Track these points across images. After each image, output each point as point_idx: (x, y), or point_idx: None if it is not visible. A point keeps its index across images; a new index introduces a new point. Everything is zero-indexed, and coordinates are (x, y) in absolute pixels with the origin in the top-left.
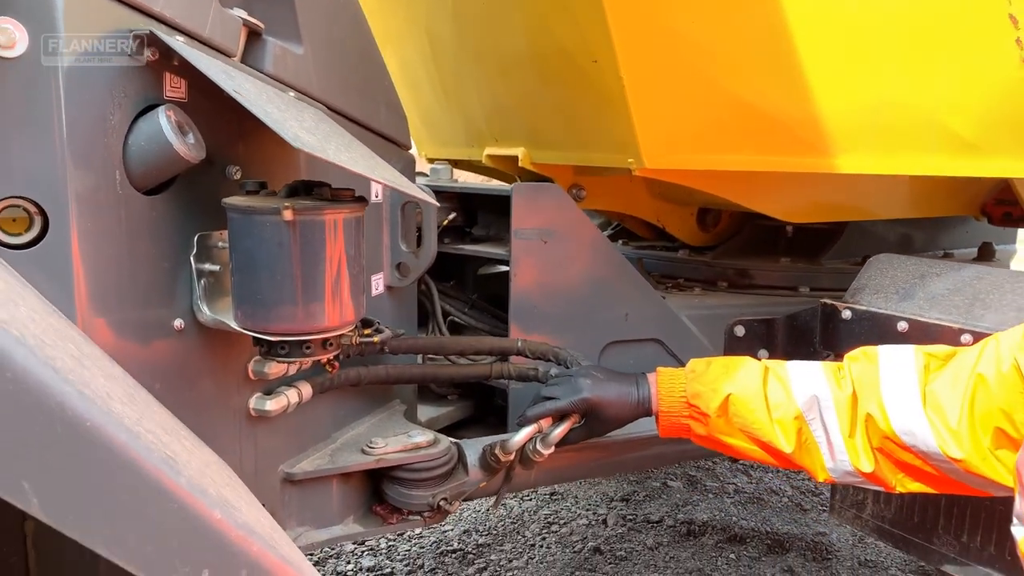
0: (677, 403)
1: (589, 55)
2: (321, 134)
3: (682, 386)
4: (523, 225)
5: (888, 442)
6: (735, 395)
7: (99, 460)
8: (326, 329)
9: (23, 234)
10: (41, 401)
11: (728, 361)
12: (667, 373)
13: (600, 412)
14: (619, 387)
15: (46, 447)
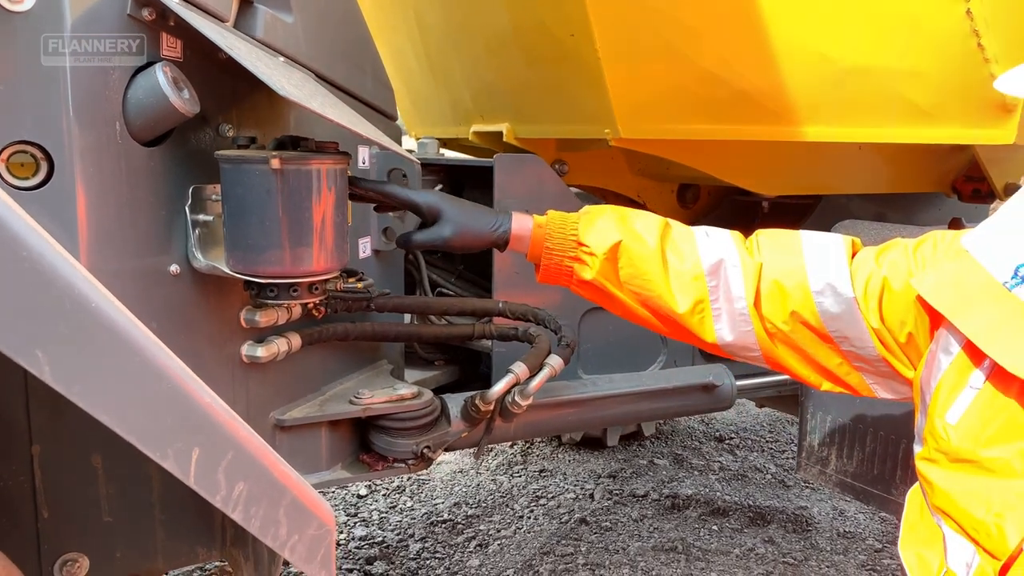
0: (567, 241)
1: (567, 29)
2: (308, 91)
3: (574, 225)
4: (506, 195)
5: (795, 315)
6: (627, 243)
7: (103, 337)
8: (312, 272)
9: (30, 178)
10: (53, 279)
11: (626, 210)
12: (558, 214)
13: (450, 219)
14: (477, 209)
15: (57, 320)
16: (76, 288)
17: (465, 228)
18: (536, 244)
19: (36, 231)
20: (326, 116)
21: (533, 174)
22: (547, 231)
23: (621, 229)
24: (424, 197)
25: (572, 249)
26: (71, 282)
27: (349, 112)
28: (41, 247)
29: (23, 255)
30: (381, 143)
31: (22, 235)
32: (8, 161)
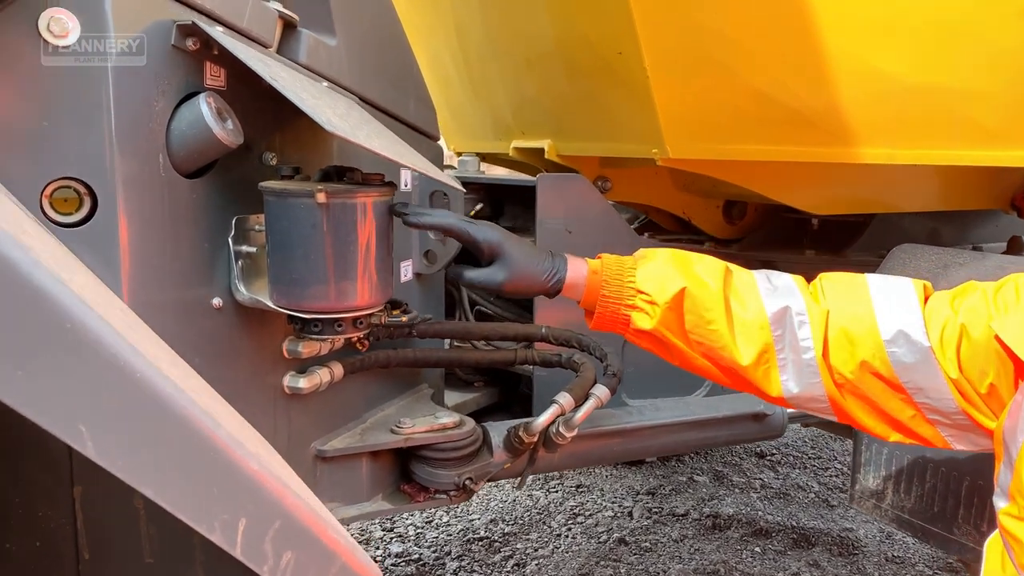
0: (624, 289)
1: (614, 47)
2: (353, 121)
3: (631, 271)
4: (548, 215)
5: (864, 366)
6: (691, 290)
7: (147, 408)
8: (357, 308)
9: (73, 213)
10: (97, 351)
11: (684, 253)
12: (613, 258)
13: (507, 263)
14: (534, 253)
15: (101, 393)
16: (120, 358)
17: (521, 274)
18: (591, 291)
19: (80, 300)
20: (372, 149)
21: (576, 193)
22: (603, 278)
23: (684, 275)
24: (484, 234)
25: (630, 297)
26: (115, 352)
27: (393, 140)
28: (85, 316)
29: (67, 326)
30: (428, 173)
31: (66, 305)
32: (52, 197)
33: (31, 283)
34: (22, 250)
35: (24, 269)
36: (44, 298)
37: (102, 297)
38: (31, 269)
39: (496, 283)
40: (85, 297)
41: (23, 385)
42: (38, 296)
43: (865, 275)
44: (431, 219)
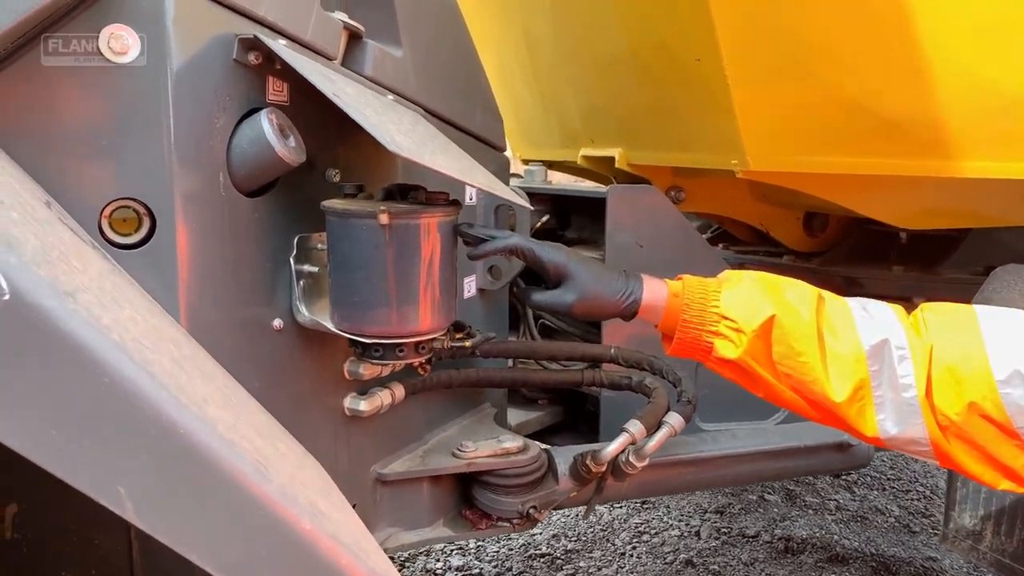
0: (707, 314)
1: (691, 52)
2: (418, 137)
3: (716, 295)
4: (618, 228)
5: (973, 407)
6: (781, 318)
7: (191, 467)
8: (419, 333)
9: (132, 234)
10: (136, 406)
11: (773, 278)
12: (696, 280)
13: (577, 285)
14: (606, 273)
15: (141, 452)
16: (163, 414)
17: (592, 296)
18: (671, 315)
19: (119, 349)
20: (436, 169)
21: (648, 205)
22: (684, 301)
23: (773, 301)
24: (550, 256)
25: (713, 323)
26: (158, 407)
27: (459, 155)
28: (123, 368)
29: (104, 381)
30: (493, 191)
31: (103, 357)
32: (111, 218)
33: (63, 332)
34: (58, 299)
35: (56, 317)
36: (77, 348)
37: (151, 332)
38: (66, 319)
39: (565, 305)
40: (127, 343)
41: (55, 443)
42: (69, 346)
43: (973, 306)
44: (494, 245)
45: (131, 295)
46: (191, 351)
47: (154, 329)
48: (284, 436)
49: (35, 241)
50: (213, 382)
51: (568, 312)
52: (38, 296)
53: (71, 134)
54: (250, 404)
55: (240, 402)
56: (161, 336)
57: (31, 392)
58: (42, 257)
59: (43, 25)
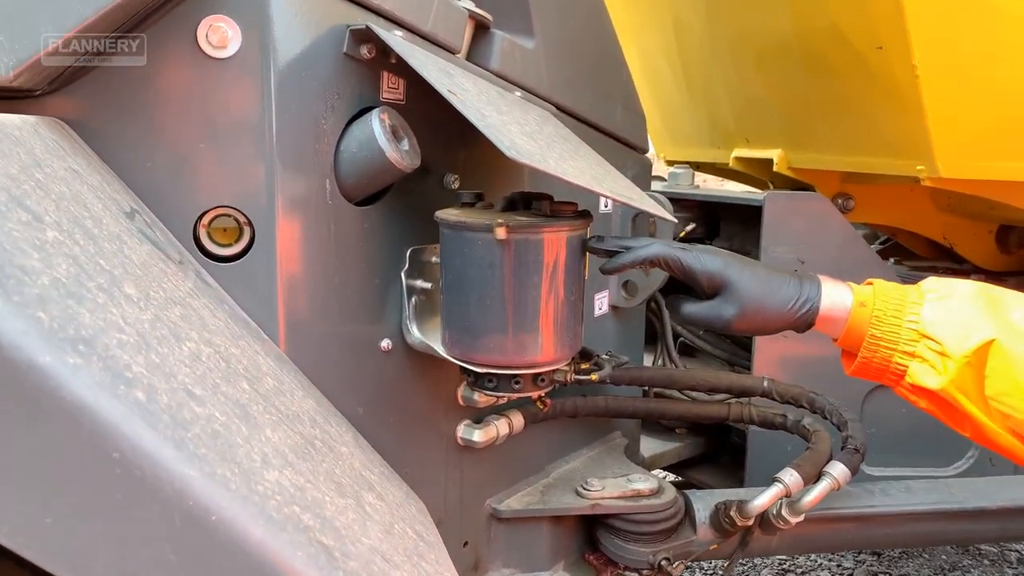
0: (902, 330)
1: (872, 40)
2: (544, 140)
3: (916, 306)
4: (777, 241)
5: None
6: (1004, 343)
7: (228, 563)
8: (538, 363)
9: (233, 244)
10: (154, 488)
11: (993, 290)
12: (890, 286)
13: (739, 295)
14: (773, 276)
15: (161, 547)
16: (189, 497)
17: (757, 306)
18: (855, 328)
19: (137, 412)
20: (564, 177)
21: (813, 214)
22: (873, 312)
23: (994, 320)
24: (703, 263)
25: (911, 342)
26: (182, 488)
27: (592, 160)
28: (139, 437)
29: (113, 456)
30: (631, 203)
31: (112, 423)
32: (209, 227)
33: (57, 393)
34: (56, 350)
35: (48, 374)
36: (76, 413)
37: (217, 368)
38: (62, 376)
39: (724, 320)
40: (157, 399)
41: (51, 534)
42: (64, 410)
43: None
44: (633, 255)
45: (208, 320)
46: (275, 384)
47: (225, 363)
48: (380, 480)
49: (65, 268)
50: (293, 424)
51: (728, 328)
52: (25, 349)
53: (167, 136)
54: (343, 444)
55: (327, 445)
56: (233, 371)
57: (21, 471)
58: (61, 291)
59: (135, 19)
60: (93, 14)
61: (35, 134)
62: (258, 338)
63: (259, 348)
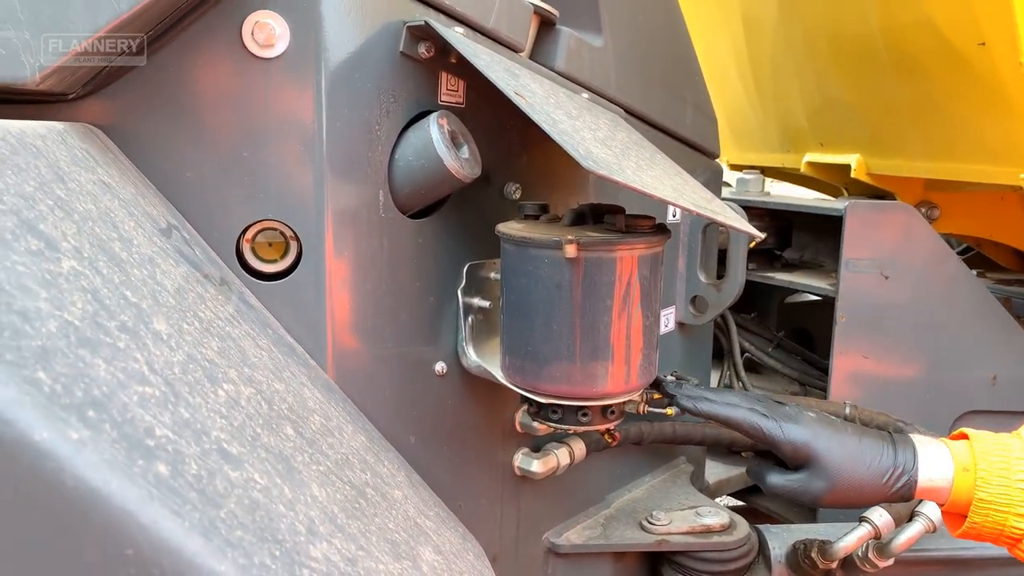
0: (1012, 491)
1: (973, 35)
2: (618, 147)
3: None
4: (858, 254)
5: None
6: None
7: None
8: (608, 394)
9: (279, 260)
10: None
11: None
12: (992, 442)
13: (827, 468)
14: (863, 446)
15: None
16: None
17: (848, 483)
18: (961, 496)
19: (155, 495)
20: (645, 191)
21: (898, 225)
22: (979, 477)
23: None
24: (789, 435)
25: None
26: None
27: (669, 169)
28: (157, 527)
29: (127, 553)
30: (715, 218)
31: (124, 511)
32: (253, 242)
33: (54, 478)
34: (54, 426)
35: (45, 455)
36: (79, 501)
37: (259, 413)
38: (60, 457)
39: (813, 496)
40: (178, 472)
41: None
42: (63, 498)
43: None
44: (713, 411)
45: (250, 352)
46: (322, 422)
47: (267, 405)
48: (436, 526)
49: (80, 307)
50: (342, 472)
51: (817, 504)
52: (18, 423)
53: (208, 143)
54: (394, 489)
55: (379, 492)
56: (277, 413)
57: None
58: (72, 339)
59: (175, 15)
60: (128, 9)
61: (61, 143)
62: (304, 364)
63: (305, 378)
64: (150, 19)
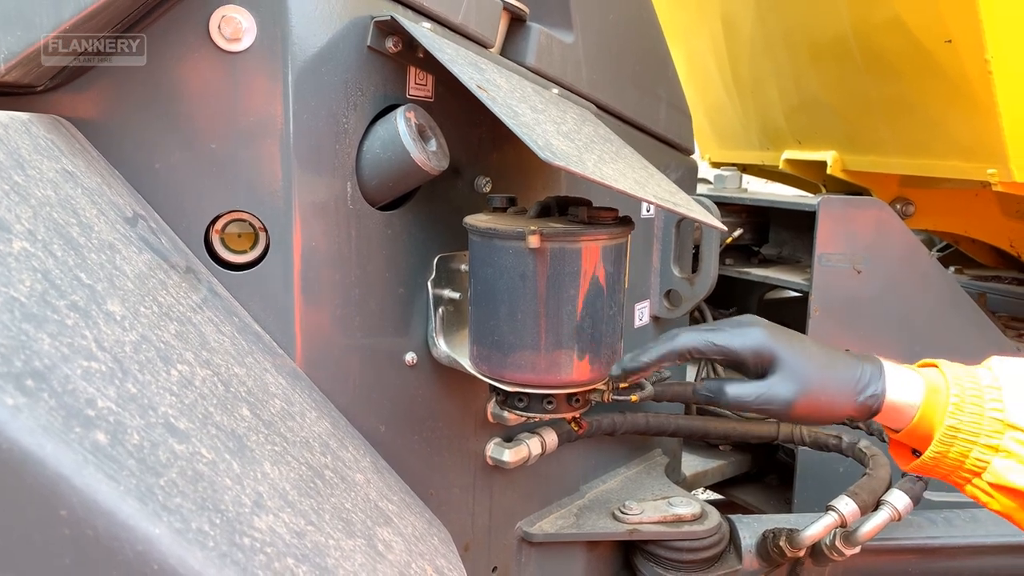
0: (983, 418)
1: (940, 33)
2: (582, 140)
3: (995, 391)
4: (831, 248)
5: None
6: None
7: None
8: (573, 383)
9: (248, 251)
10: (113, 551)
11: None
12: (963, 370)
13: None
14: (830, 356)
15: None
16: (151, 563)
17: (819, 386)
18: (928, 419)
19: (91, 461)
20: (602, 181)
21: (871, 221)
22: (952, 403)
23: None
24: (744, 341)
25: (995, 433)
26: (145, 553)
27: (634, 162)
28: (91, 490)
29: (61, 514)
30: (674, 209)
31: (58, 475)
32: (223, 232)
33: None
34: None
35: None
36: (18, 465)
37: (213, 393)
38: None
39: (781, 402)
40: (123, 436)
41: None
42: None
43: None
44: (657, 353)
45: (210, 337)
46: (283, 406)
47: (223, 386)
48: (399, 510)
49: (29, 286)
50: (300, 453)
51: (786, 412)
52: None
53: (177, 136)
54: (356, 473)
55: (338, 475)
56: (233, 395)
57: None
58: (16, 314)
59: (142, 9)
60: (92, 3)
61: (24, 132)
62: (270, 353)
63: (270, 365)
64: (116, 13)
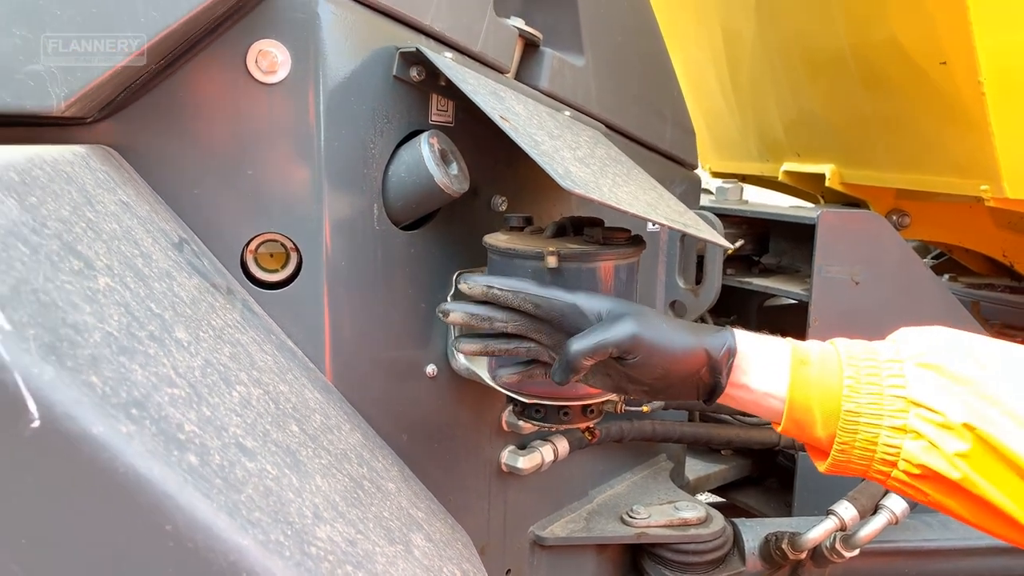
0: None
1: (935, 55)
2: (596, 164)
3: (896, 364)
4: (830, 260)
5: None
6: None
7: None
8: (588, 394)
9: (279, 270)
10: (210, 560)
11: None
12: (855, 344)
13: (622, 315)
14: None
15: None
16: (244, 569)
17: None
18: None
19: (190, 480)
20: (619, 207)
21: (868, 232)
22: (846, 385)
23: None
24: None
25: (899, 412)
26: (236, 561)
27: (645, 184)
28: (192, 508)
29: (167, 529)
30: (684, 229)
31: (165, 493)
32: (256, 253)
33: (110, 467)
34: (107, 419)
35: (101, 446)
36: (131, 487)
37: (267, 412)
38: (115, 448)
39: (623, 335)
40: (206, 460)
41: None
42: (118, 485)
43: None
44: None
45: (257, 357)
46: (323, 420)
47: (274, 404)
48: (427, 516)
49: (117, 320)
50: (341, 465)
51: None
52: (79, 419)
53: (215, 162)
54: (388, 482)
55: (374, 484)
56: (283, 412)
57: (73, 546)
58: (113, 348)
59: (185, 44)
60: (148, 42)
61: (85, 167)
62: (304, 368)
63: (306, 380)
64: (163, 50)
